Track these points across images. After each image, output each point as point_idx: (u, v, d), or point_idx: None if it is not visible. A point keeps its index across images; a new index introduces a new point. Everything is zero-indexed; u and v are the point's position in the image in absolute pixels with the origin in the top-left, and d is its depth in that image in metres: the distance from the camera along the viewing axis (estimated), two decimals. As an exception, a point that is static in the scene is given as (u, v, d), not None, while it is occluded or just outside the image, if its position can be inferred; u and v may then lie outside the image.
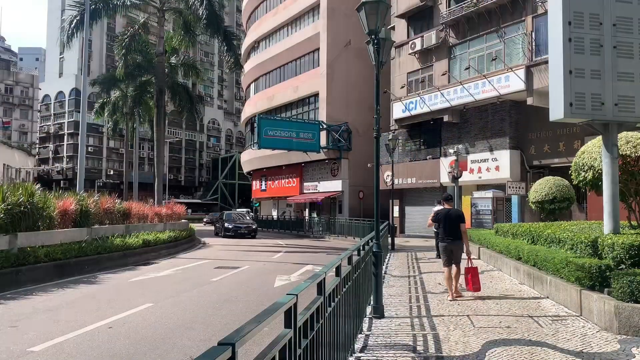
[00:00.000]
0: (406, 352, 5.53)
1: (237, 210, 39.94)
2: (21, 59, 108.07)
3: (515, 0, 22.27)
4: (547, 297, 8.50)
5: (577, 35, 7.25)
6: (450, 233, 8.83)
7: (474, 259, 9.55)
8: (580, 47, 7.24)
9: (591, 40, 7.29)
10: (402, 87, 28.86)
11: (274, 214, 43.74)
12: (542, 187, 14.62)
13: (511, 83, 21.88)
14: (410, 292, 9.67)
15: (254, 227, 29.24)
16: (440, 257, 10.43)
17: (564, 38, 7.21)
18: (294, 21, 40.34)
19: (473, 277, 8.70)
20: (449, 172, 21.37)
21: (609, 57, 7.29)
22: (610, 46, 7.30)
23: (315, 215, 37.27)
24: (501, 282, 10.69)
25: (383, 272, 12.16)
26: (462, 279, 9.01)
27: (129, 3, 26.11)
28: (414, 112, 27.36)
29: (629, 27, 7.38)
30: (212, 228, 45.82)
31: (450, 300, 8.59)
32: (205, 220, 55.42)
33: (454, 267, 8.79)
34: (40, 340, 6.12)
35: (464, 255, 8.91)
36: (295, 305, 2.56)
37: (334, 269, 4.30)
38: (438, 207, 12.11)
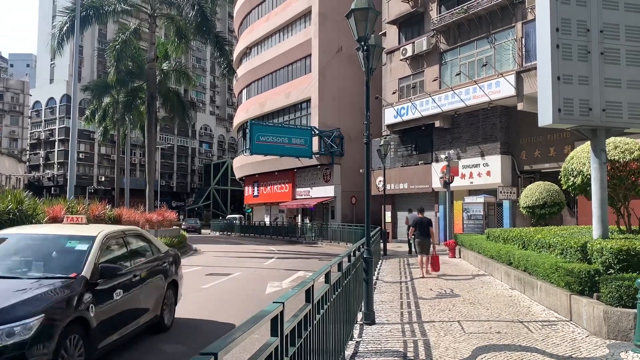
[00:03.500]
0: (397, 358, 5.52)
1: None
2: (11, 65, 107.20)
3: (505, 6, 22.44)
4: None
5: (564, 41, 7.31)
6: (423, 233, 12.86)
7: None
8: (568, 54, 7.31)
9: (579, 47, 7.35)
10: (394, 92, 28.97)
11: (267, 219, 43.62)
12: (533, 192, 14.70)
13: (502, 89, 22.02)
14: (402, 298, 9.67)
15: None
16: (414, 251, 14.76)
17: (552, 44, 7.27)
18: (286, 27, 40.42)
19: (436, 262, 13.06)
20: (441, 178, 21.45)
21: (596, 64, 7.35)
22: (597, 52, 7.37)
23: (308, 221, 37.21)
24: (492, 287, 10.72)
25: (375, 278, 12.16)
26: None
27: (119, 9, 26.02)
28: (405, 118, 27.47)
29: (615, 34, 7.46)
30: (210, 233, 44.28)
31: (422, 277, 12.41)
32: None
33: (425, 256, 12.82)
34: None
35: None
36: (281, 313, 2.55)
37: (324, 276, 4.29)
38: (408, 215, 16.03)
